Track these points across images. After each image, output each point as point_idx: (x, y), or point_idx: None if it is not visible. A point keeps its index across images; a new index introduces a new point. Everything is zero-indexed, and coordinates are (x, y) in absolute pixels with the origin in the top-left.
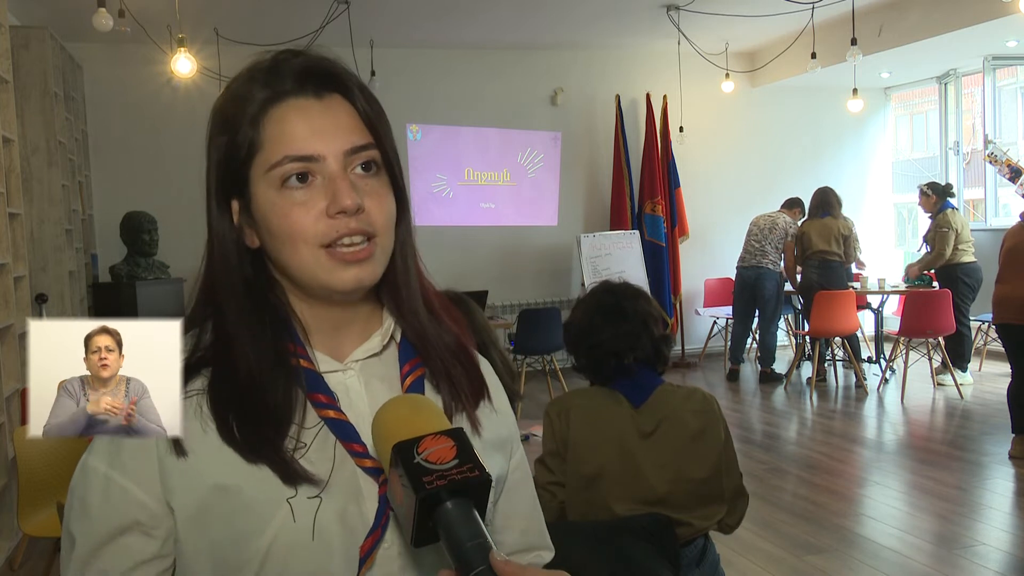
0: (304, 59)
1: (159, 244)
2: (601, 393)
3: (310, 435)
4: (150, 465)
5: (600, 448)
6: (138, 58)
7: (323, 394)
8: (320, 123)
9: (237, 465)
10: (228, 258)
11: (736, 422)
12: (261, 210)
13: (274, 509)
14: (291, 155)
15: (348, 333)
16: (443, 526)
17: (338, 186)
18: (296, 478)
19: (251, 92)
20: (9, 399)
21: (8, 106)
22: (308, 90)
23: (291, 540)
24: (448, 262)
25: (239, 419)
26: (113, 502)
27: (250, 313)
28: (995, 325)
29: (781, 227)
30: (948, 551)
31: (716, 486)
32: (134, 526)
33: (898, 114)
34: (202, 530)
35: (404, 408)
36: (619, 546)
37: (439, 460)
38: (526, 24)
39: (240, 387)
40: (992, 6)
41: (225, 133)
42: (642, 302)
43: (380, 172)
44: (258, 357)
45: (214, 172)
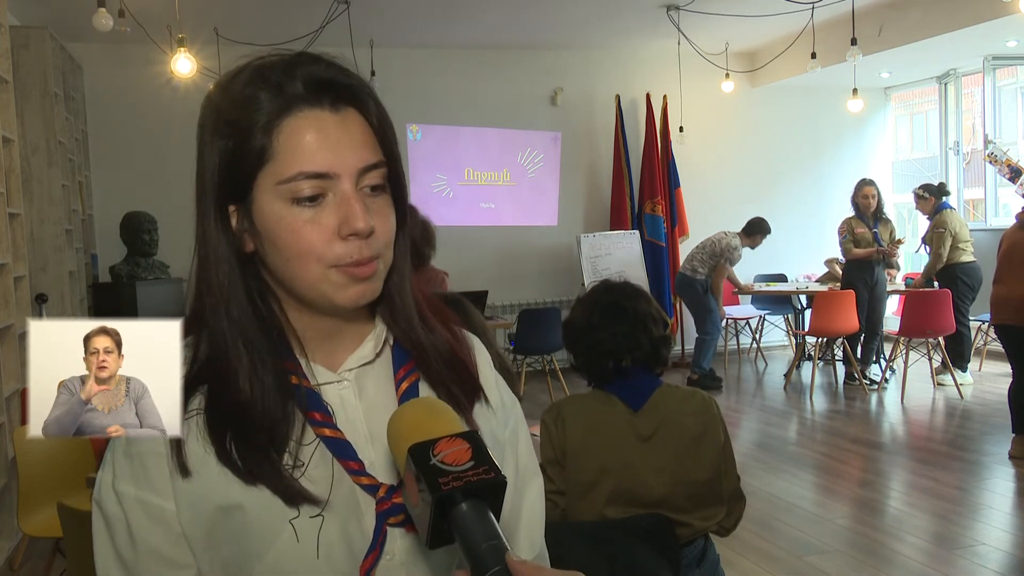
0: (321, 67)
1: (159, 244)
2: (597, 398)
3: (308, 452)
4: (167, 480)
5: (597, 454)
6: (138, 58)
7: (319, 412)
8: (336, 139)
9: (239, 487)
10: (227, 266)
11: (736, 422)
12: (266, 222)
13: (278, 530)
14: (306, 172)
15: (342, 340)
16: (458, 527)
17: (352, 208)
18: (297, 499)
19: (259, 96)
20: (9, 399)
21: (8, 106)
22: (324, 102)
23: (296, 560)
24: (448, 262)
25: (237, 440)
26: (155, 524)
27: (247, 327)
28: (994, 326)
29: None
30: (948, 551)
31: (715, 488)
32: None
33: (898, 114)
34: (209, 553)
35: (419, 411)
36: (620, 547)
37: (455, 462)
38: (526, 24)
39: (237, 407)
40: (992, 6)
41: (231, 138)
42: (642, 302)
43: (386, 189)
44: (255, 376)
45: (216, 176)
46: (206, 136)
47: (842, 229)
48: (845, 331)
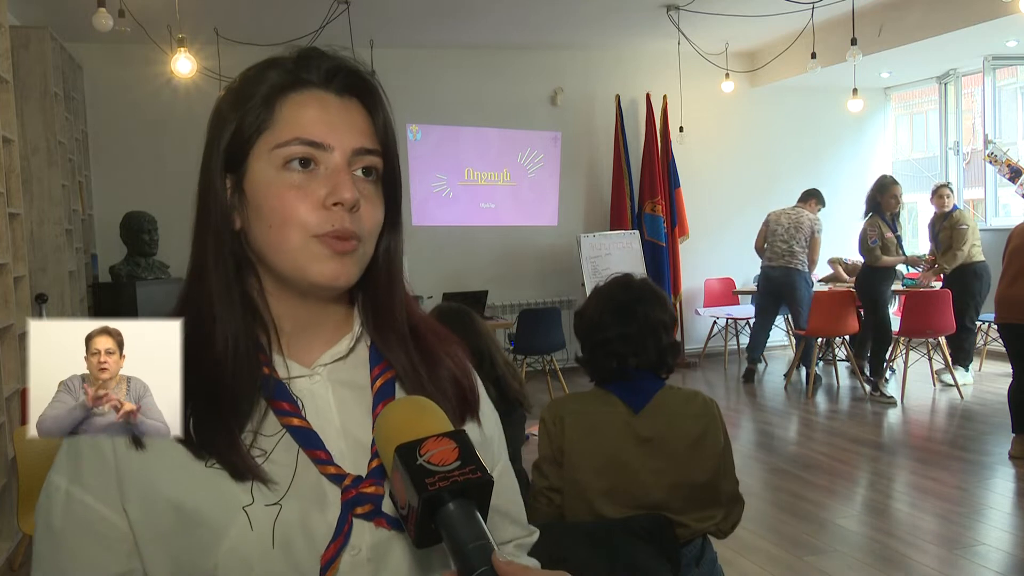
0: (338, 60)
1: (159, 244)
2: (597, 398)
3: (271, 443)
4: (109, 477)
5: (595, 455)
6: (138, 58)
7: (286, 402)
8: (336, 118)
9: (190, 470)
10: (214, 238)
11: (736, 422)
12: (255, 188)
13: (230, 518)
14: (301, 138)
15: (318, 334)
16: (445, 527)
17: (341, 178)
18: (247, 473)
19: (268, 74)
20: (9, 399)
21: (8, 106)
22: (331, 86)
23: (250, 549)
24: (448, 262)
25: (196, 408)
26: (75, 517)
27: (227, 302)
28: (998, 325)
29: (807, 226)
30: (948, 551)
31: (714, 490)
32: (98, 541)
33: (898, 114)
34: (158, 542)
35: (407, 410)
36: (619, 546)
37: (441, 462)
38: (526, 24)
39: (209, 372)
40: (992, 6)
41: (237, 109)
42: (656, 308)
43: (378, 182)
44: (236, 343)
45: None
46: (218, 114)
47: (871, 233)
48: (845, 331)
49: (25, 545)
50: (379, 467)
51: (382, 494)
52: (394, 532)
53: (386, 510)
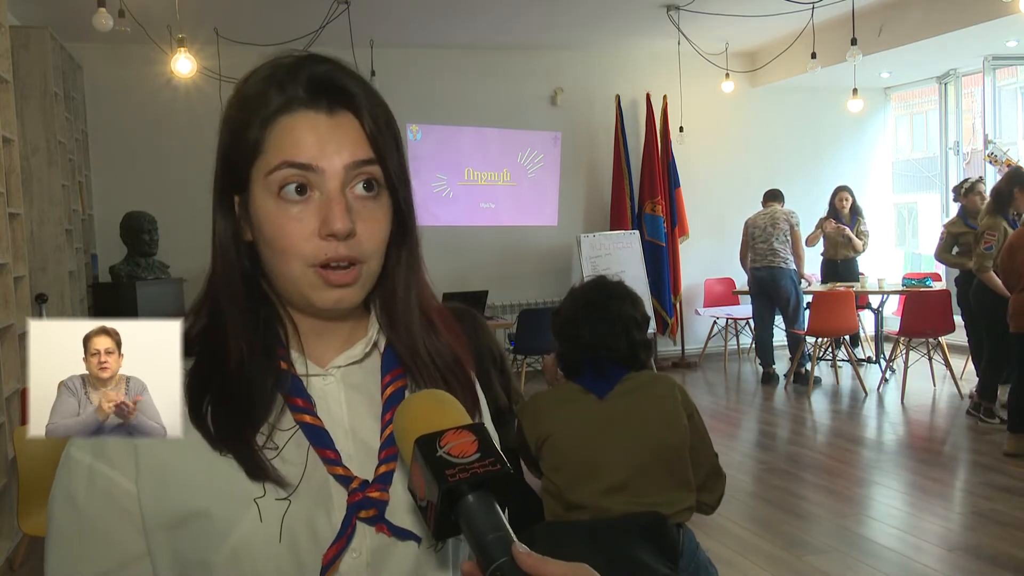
0: (325, 69)
1: (159, 244)
2: (569, 389)
3: (284, 438)
4: (130, 456)
5: (566, 442)
6: (138, 58)
7: (301, 398)
8: (325, 137)
9: (205, 460)
10: (227, 250)
11: (736, 422)
12: (256, 213)
13: (242, 509)
14: (289, 161)
15: (333, 338)
16: (465, 519)
17: (332, 209)
18: (262, 474)
19: (267, 94)
20: (9, 399)
21: (8, 106)
22: (321, 104)
23: (258, 540)
24: (448, 262)
25: (215, 403)
26: (99, 492)
27: (246, 305)
28: (1015, 335)
29: (783, 220)
30: (948, 551)
31: (681, 471)
32: (126, 518)
33: (898, 114)
34: (168, 528)
35: (426, 403)
36: (618, 545)
37: (461, 454)
38: (526, 24)
39: (227, 372)
40: (992, 6)
41: (236, 131)
42: (628, 305)
43: (381, 193)
44: (251, 347)
45: (220, 165)
46: (223, 127)
47: (991, 236)
48: (845, 331)
49: (25, 545)
50: (385, 473)
51: (387, 500)
52: (394, 539)
53: (388, 517)
